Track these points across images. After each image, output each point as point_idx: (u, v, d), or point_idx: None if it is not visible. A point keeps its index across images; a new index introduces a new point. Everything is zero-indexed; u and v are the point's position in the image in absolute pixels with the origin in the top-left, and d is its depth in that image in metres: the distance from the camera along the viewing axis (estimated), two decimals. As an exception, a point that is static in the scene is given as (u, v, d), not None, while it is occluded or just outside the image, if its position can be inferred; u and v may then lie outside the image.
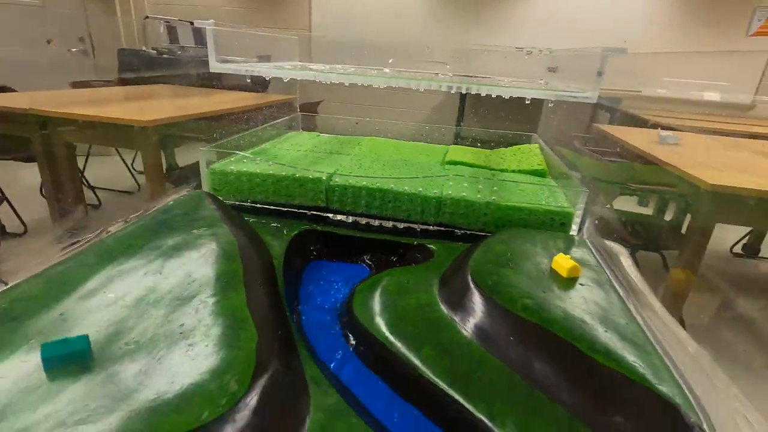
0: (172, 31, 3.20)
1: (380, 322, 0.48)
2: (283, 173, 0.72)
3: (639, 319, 0.45)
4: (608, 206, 2.50)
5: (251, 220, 0.71)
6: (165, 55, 3.09)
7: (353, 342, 0.49)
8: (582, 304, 0.45)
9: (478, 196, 0.68)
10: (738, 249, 2.54)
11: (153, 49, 3.13)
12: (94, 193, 2.22)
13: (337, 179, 0.72)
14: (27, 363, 0.33)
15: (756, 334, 2.00)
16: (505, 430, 0.36)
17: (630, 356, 0.37)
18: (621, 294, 0.49)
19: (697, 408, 0.33)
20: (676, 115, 3.06)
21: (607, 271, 0.54)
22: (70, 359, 0.33)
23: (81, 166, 2.05)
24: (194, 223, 0.58)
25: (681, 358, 0.40)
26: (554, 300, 0.45)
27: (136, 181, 2.50)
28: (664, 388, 0.34)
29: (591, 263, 0.55)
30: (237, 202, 0.75)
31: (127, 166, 2.50)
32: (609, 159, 2.15)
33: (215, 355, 0.35)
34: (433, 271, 0.58)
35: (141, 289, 0.43)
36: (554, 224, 0.66)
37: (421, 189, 0.70)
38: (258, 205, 0.74)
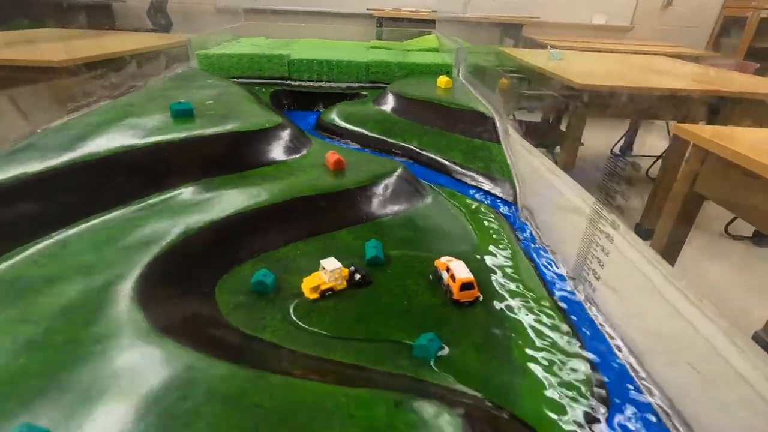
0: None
1: (338, 120, 0.83)
2: (256, 52, 1.00)
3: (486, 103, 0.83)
4: (511, 117, 2.97)
5: (236, 88, 0.99)
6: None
7: (325, 133, 0.83)
8: (449, 92, 0.83)
9: (393, 59, 1.03)
10: (617, 150, 3.16)
11: (20, -12, 2.89)
12: None
13: (295, 55, 1.02)
14: (160, 115, 0.63)
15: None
16: (412, 144, 0.73)
17: (468, 102, 0.76)
18: (473, 92, 0.87)
19: (494, 114, 0.72)
20: (567, 38, 3.55)
21: (469, 87, 0.92)
22: (185, 113, 0.63)
23: None
24: (206, 81, 0.86)
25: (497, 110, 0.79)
26: (433, 93, 0.82)
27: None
28: (480, 109, 0.73)
29: (458, 83, 0.92)
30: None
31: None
32: (510, 75, 2.56)
33: (264, 115, 0.67)
34: (368, 101, 0.93)
35: (200, 99, 0.73)
36: (442, 72, 1.03)
37: (354, 57, 1.02)
38: (237, 79, 1.02)
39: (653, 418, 0.31)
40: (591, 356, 0.36)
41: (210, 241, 0.44)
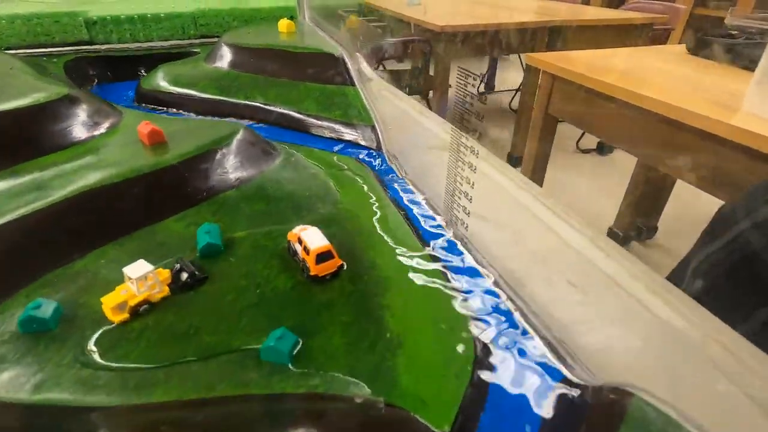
0: None
1: (163, 84, 0.67)
2: (32, 11, 0.76)
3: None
4: (380, 68, 2.92)
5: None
6: None
7: (150, 105, 0.67)
8: (293, 37, 0.72)
9: (225, 5, 0.87)
10: (482, 89, 3.29)
11: None
12: None
13: (94, 9, 0.80)
14: None
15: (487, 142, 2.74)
16: (257, 100, 0.62)
17: (314, 45, 0.66)
18: (321, 34, 0.77)
19: (344, 55, 0.64)
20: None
21: (317, 29, 0.81)
22: None
23: None
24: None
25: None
26: (276, 39, 0.71)
27: None
28: (327, 49, 0.64)
29: (304, 26, 0.82)
30: (-9, 51, 0.76)
31: None
32: (375, 25, 2.47)
33: (43, 87, 0.50)
34: (199, 59, 0.77)
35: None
36: (285, 17, 0.90)
37: (174, 7, 0.84)
38: (14, 51, 0.78)
39: (543, 354, 0.28)
40: (472, 305, 0.32)
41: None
